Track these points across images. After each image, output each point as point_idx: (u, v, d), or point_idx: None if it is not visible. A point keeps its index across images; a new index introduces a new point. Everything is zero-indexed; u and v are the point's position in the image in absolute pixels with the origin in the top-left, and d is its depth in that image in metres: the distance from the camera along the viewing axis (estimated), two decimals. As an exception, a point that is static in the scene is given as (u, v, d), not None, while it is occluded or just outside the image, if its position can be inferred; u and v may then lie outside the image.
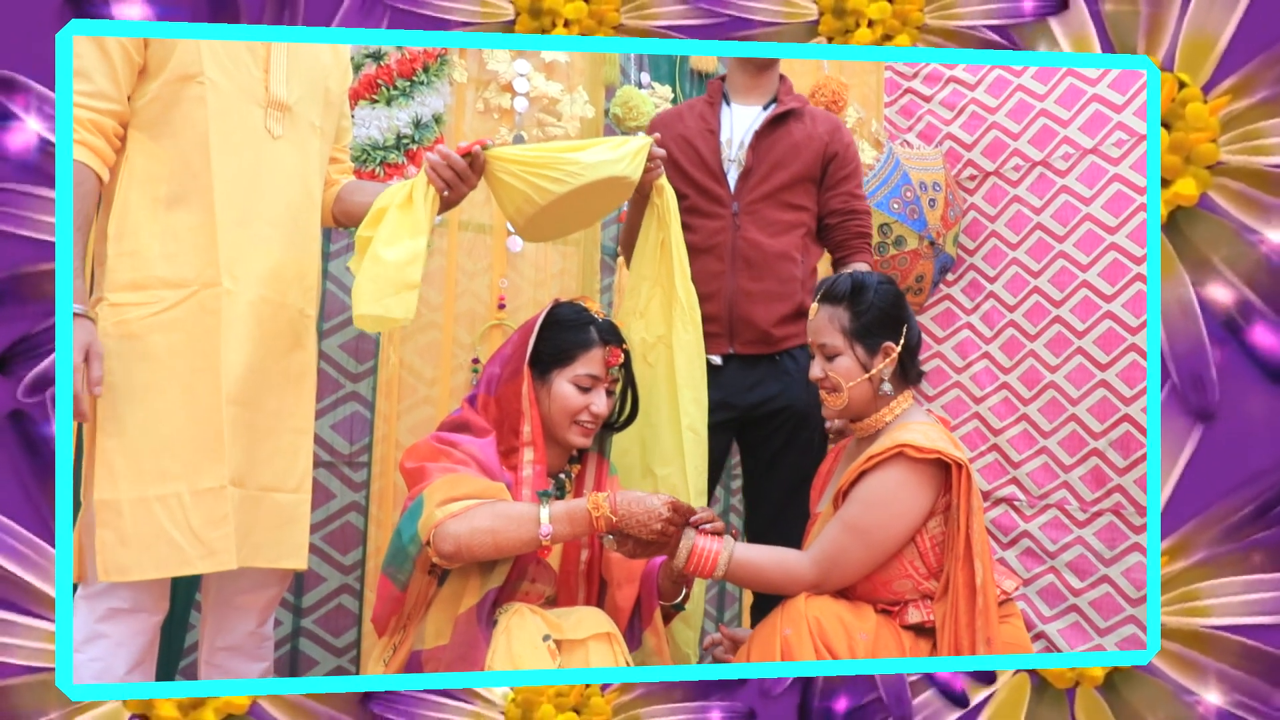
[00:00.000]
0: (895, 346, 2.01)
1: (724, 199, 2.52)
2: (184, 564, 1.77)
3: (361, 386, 3.00)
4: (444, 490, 1.81)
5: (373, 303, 1.86)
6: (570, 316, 2.06)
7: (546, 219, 2.12)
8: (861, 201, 2.64)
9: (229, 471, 1.81)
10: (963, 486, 1.89)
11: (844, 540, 1.92)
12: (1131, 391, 3.45)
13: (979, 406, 3.93)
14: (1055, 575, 3.65)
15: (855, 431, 2.11)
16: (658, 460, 2.29)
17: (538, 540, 1.78)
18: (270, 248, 1.93)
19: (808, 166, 2.55)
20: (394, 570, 1.87)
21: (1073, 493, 3.62)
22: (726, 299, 2.50)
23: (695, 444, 2.28)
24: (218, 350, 1.82)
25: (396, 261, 1.87)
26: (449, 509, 1.78)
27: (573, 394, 2.01)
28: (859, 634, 1.86)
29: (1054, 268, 3.73)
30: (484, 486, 1.84)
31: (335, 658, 2.99)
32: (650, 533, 1.82)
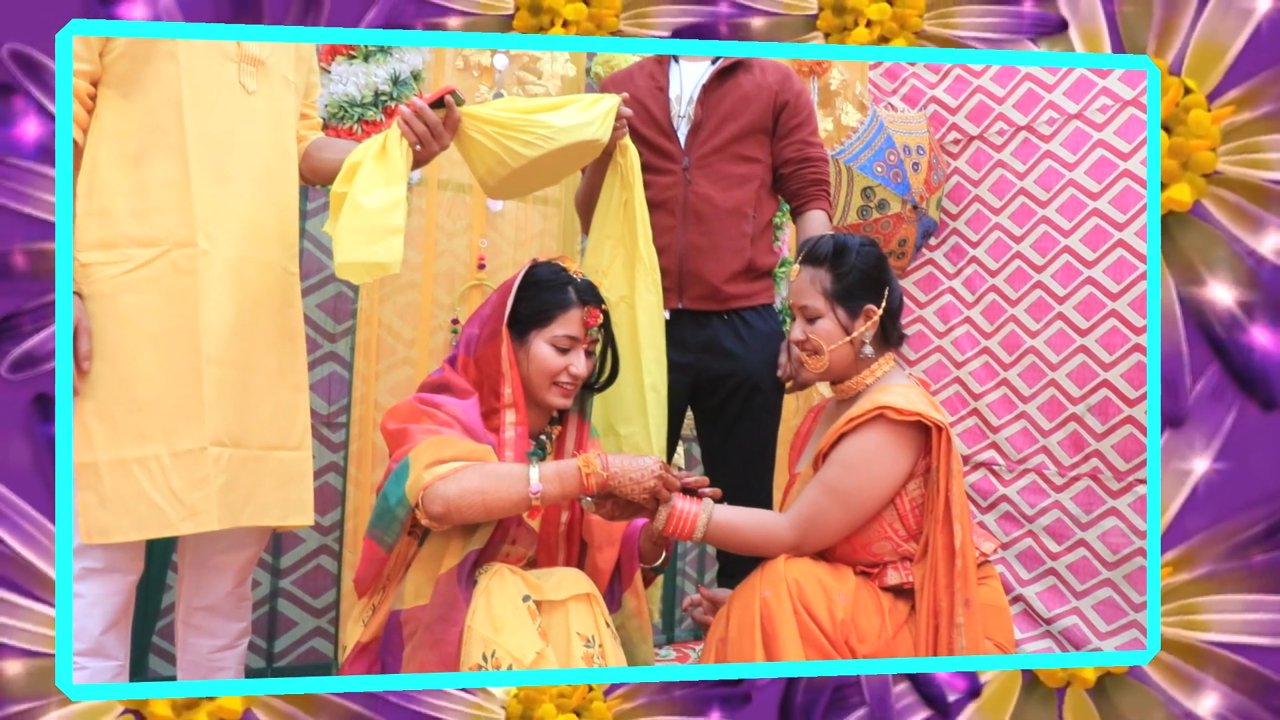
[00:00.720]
0: (876, 309, 2.01)
1: (674, 154, 2.51)
2: (165, 526, 1.77)
3: (339, 347, 3.02)
4: (431, 452, 1.80)
5: (357, 250, 1.84)
6: (548, 277, 2.05)
7: (516, 179, 2.13)
8: (816, 149, 2.63)
9: (212, 432, 1.81)
10: (943, 449, 1.90)
11: (823, 502, 1.92)
12: (1111, 357, 3.47)
13: (959, 371, 3.94)
14: (1033, 539, 3.68)
15: (835, 393, 2.11)
16: (620, 419, 2.30)
17: (528, 500, 1.78)
18: (248, 205, 1.92)
19: (758, 117, 2.54)
20: (380, 533, 1.87)
21: (1051, 457, 3.64)
22: (677, 253, 2.49)
23: (657, 403, 2.31)
24: (195, 311, 1.81)
25: (377, 208, 1.86)
26: (437, 471, 1.77)
27: (551, 355, 2.00)
28: (838, 596, 1.87)
29: (1036, 233, 3.73)
30: (470, 448, 1.83)
31: (314, 618, 3.02)
32: (642, 491, 1.83)
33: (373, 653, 1.88)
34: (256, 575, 2.93)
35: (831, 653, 1.83)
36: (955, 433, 3.81)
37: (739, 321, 2.55)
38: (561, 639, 1.80)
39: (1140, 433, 3.39)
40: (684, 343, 2.50)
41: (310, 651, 3.05)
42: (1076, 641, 3.49)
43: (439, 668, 1.73)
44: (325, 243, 2.84)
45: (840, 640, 1.84)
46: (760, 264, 2.58)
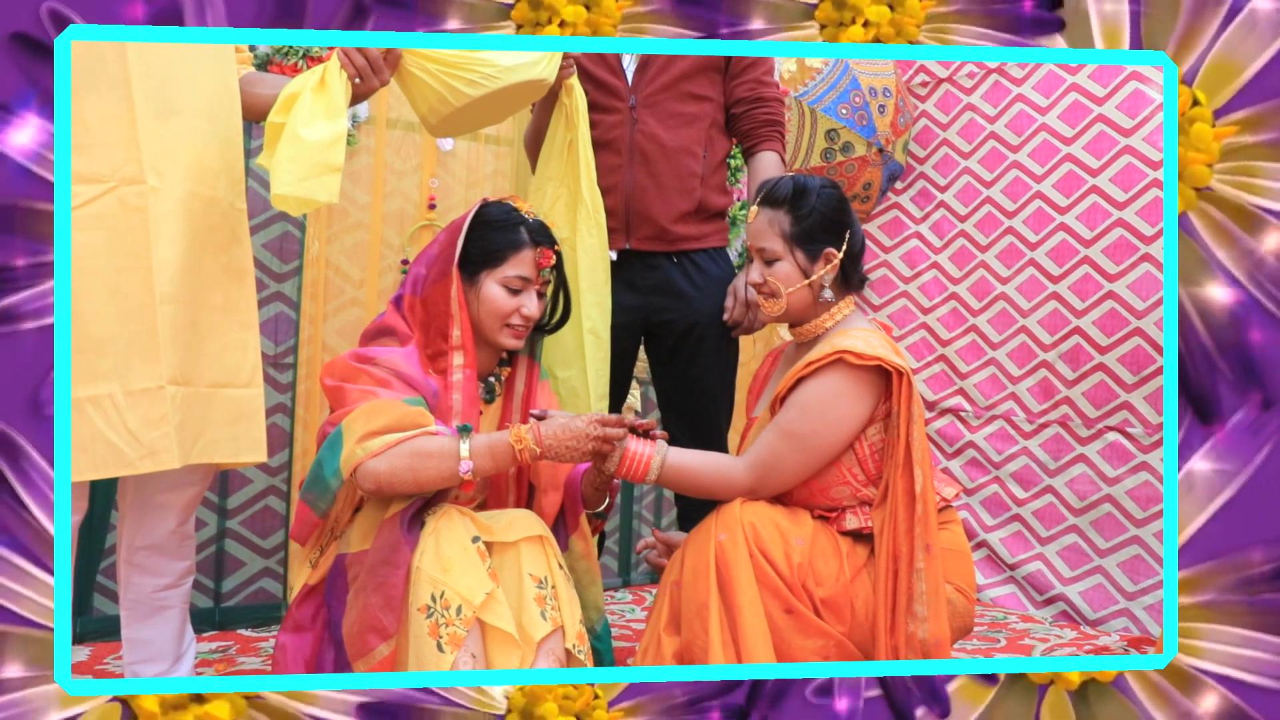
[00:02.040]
0: (837, 252, 2.00)
1: (621, 92, 2.49)
2: (124, 465, 1.77)
3: (286, 287, 2.99)
4: (363, 423, 1.80)
5: (294, 183, 1.83)
6: (500, 216, 2.02)
7: (459, 118, 2.11)
8: (770, 88, 2.61)
9: (168, 370, 1.81)
10: (903, 394, 1.90)
11: (780, 446, 1.91)
12: (1083, 304, 3.46)
13: (926, 317, 3.93)
14: (999, 485, 3.70)
15: (794, 337, 2.10)
16: (559, 362, 2.31)
17: (459, 476, 1.79)
18: (195, 141, 1.90)
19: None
20: (313, 498, 1.87)
21: (1020, 404, 3.64)
22: (624, 193, 2.48)
23: (596, 347, 2.31)
24: (147, 249, 1.80)
25: (318, 143, 1.85)
26: (369, 447, 1.78)
27: (502, 296, 1.99)
28: (795, 539, 1.88)
29: (1007, 178, 3.71)
30: (403, 413, 1.83)
31: (262, 559, 3.04)
32: (582, 455, 1.84)
33: (319, 595, 1.89)
34: (204, 516, 2.97)
35: (788, 596, 1.83)
36: (921, 379, 3.84)
37: (690, 264, 2.54)
38: (513, 580, 1.81)
39: (1111, 380, 3.39)
40: (634, 284, 2.50)
41: (259, 592, 3.07)
42: (1040, 587, 3.51)
43: (384, 610, 1.73)
44: (268, 180, 2.81)
45: (797, 584, 1.85)
46: (711, 205, 2.56)
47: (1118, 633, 3.27)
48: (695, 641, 1.83)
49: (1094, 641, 3.16)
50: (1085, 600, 3.40)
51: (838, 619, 1.87)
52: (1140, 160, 3.35)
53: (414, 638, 1.72)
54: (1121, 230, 3.38)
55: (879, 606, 1.85)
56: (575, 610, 1.87)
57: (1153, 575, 3.28)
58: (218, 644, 2.80)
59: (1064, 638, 3.21)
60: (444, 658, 1.68)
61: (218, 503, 2.97)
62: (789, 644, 1.83)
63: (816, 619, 1.85)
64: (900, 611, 1.83)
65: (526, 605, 1.79)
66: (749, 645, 1.78)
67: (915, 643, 1.81)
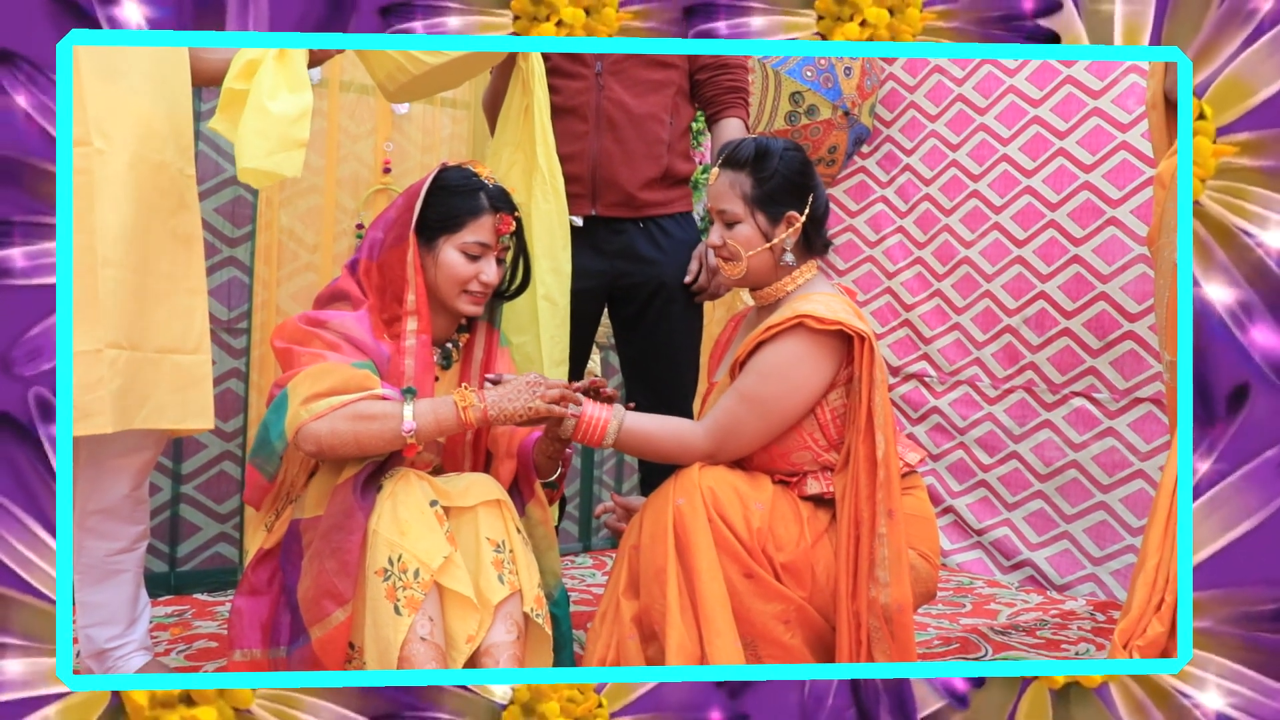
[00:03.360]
0: (799, 216, 2.00)
1: (586, 58, 2.49)
2: None
3: (239, 251, 3.01)
4: (308, 385, 1.80)
5: (260, 158, 1.87)
6: (459, 181, 2.01)
7: (417, 85, 2.13)
8: (734, 55, 2.62)
9: (108, 334, 1.81)
10: (865, 359, 1.90)
11: (739, 411, 1.92)
12: (1049, 268, 3.48)
13: (891, 281, 3.94)
14: (964, 450, 3.72)
15: (755, 300, 2.09)
16: (514, 329, 2.32)
17: (402, 439, 1.79)
18: (142, 104, 1.90)
19: None
20: (261, 462, 1.88)
21: (984, 369, 3.66)
22: (590, 160, 2.48)
23: (551, 313, 2.32)
24: (91, 211, 1.80)
25: (285, 116, 1.88)
26: (313, 409, 1.78)
27: (461, 262, 1.98)
28: (754, 504, 1.88)
29: (974, 140, 3.71)
30: (349, 376, 1.83)
31: (218, 524, 3.08)
32: (528, 412, 1.84)
33: (275, 559, 1.90)
34: (158, 481, 2.98)
35: (747, 560, 1.85)
36: (886, 344, 3.86)
37: (656, 229, 2.55)
38: (471, 544, 1.82)
39: (1077, 345, 3.40)
40: (599, 249, 2.50)
41: (215, 557, 3.11)
42: (1007, 552, 3.54)
43: (340, 575, 1.73)
44: (224, 146, 2.80)
45: (756, 548, 1.85)
46: (677, 171, 2.58)
47: (1084, 598, 3.31)
48: (653, 605, 1.84)
49: (1060, 606, 3.19)
50: (1052, 565, 3.44)
51: (798, 584, 1.87)
52: (1108, 123, 3.36)
53: (371, 600, 1.72)
54: (1088, 194, 3.40)
55: (840, 572, 1.86)
56: (533, 574, 1.88)
57: (1118, 541, 3.33)
58: (173, 608, 2.82)
59: (1030, 602, 3.24)
60: (401, 620, 1.69)
61: (172, 468, 3.00)
62: (748, 608, 1.84)
63: (776, 583, 1.86)
64: (862, 577, 1.85)
65: (484, 569, 1.80)
66: (707, 609, 1.79)
67: (877, 607, 1.82)
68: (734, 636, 1.80)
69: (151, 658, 2.14)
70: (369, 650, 1.72)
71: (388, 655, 1.69)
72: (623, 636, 1.88)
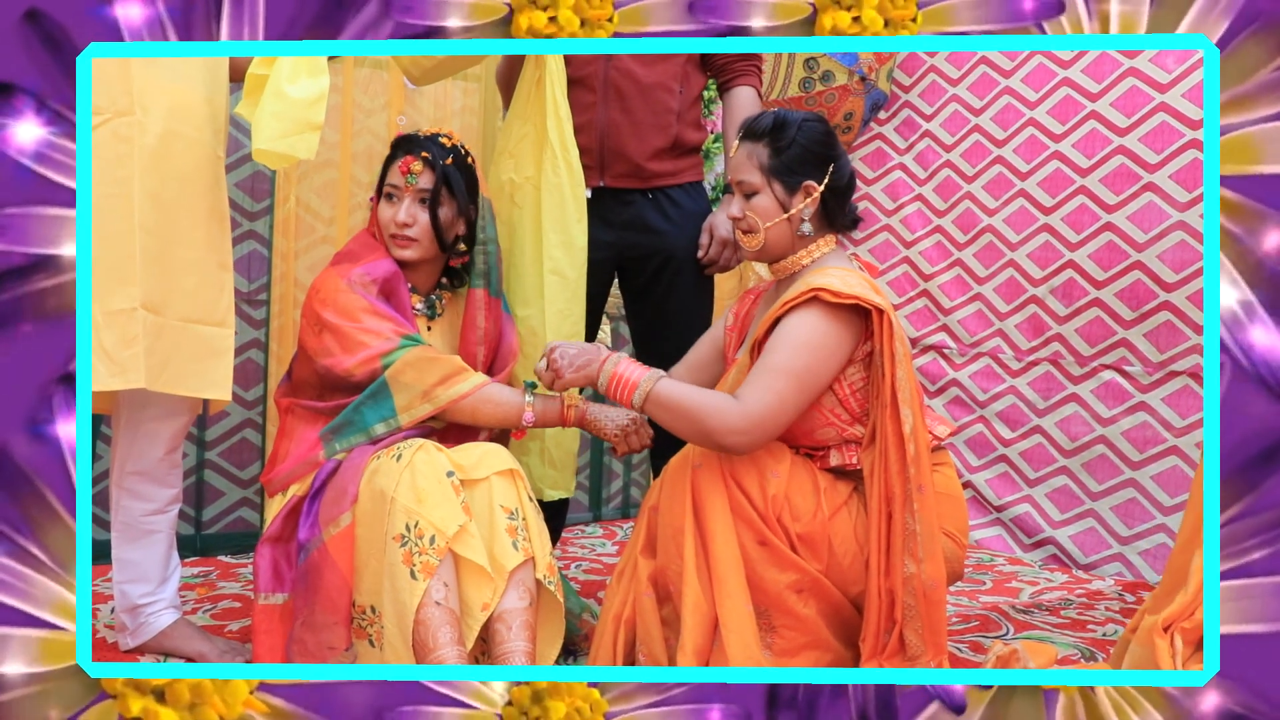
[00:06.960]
0: (817, 186, 2.00)
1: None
2: (97, 380, 1.90)
3: (259, 225, 3.18)
4: (415, 376, 2.04)
5: (276, 140, 2.00)
6: (395, 141, 2.29)
7: (441, 68, 2.29)
8: None
9: (140, 295, 1.94)
10: (885, 333, 1.92)
11: (778, 384, 1.89)
12: (1078, 236, 3.46)
13: (909, 250, 3.94)
14: (984, 424, 3.72)
15: (773, 273, 2.14)
16: (518, 301, 2.41)
17: (515, 421, 2.09)
18: (181, 84, 2.04)
19: None
20: (334, 439, 2.07)
21: (1007, 341, 3.65)
22: (598, 130, 2.53)
23: (559, 287, 2.38)
24: (131, 178, 1.94)
25: (302, 100, 2.01)
26: (438, 399, 2.04)
27: (383, 206, 2.23)
28: (771, 473, 1.92)
29: (999, 104, 3.69)
30: (448, 365, 2.07)
31: (240, 489, 3.28)
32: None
33: (299, 504, 2.06)
34: (184, 447, 3.10)
35: (761, 528, 1.89)
36: (903, 314, 3.86)
37: (665, 199, 2.60)
38: (485, 512, 1.95)
39: (1108, 316, 3.38)
40: (607, 220, 2.55)
41: (238, 520, 3.30)
42: (1028, 530, 3.55)
43: (352, 481, 1.95)
44: (243, 123, 2.89)
45: (771, 516, 1.90)
46: (687, 140, 2.62)
47: (1112, 577, 3.31)
48: (670, 565, 1.92)
49: (1086, 586, 3.19)
50: (1076, 544, 3.44)
51: (814, 555, 1.91)
52: (1146, 83, 3.30)
53: (389, 565, 1.85)
54: (1123, 158, 3.35)
55: (872, 550, 1.90)
56: (545, 542, 2.00)
57: (1148, 520, 3.31)
58: (199, 569, 3.02)
59: (1054, 581, 3.24)
60: (417, 585, 1.83)
61: (197, 435, 3.19)
62: (761, 576, 1.89)
63: (791, 553, 1.90)
64: (896, 553, 1.88)
65: (498, 536, 1.93)
66: (720, 571, 1.86)
67: (915, 583, 1.85)
68: (745, 599, 1.87)
69: (180, 615, 2.30)
70: (386, 612, 1.85)
71: (404, 619, 1.82)
72: (639, 594, 1.98)
